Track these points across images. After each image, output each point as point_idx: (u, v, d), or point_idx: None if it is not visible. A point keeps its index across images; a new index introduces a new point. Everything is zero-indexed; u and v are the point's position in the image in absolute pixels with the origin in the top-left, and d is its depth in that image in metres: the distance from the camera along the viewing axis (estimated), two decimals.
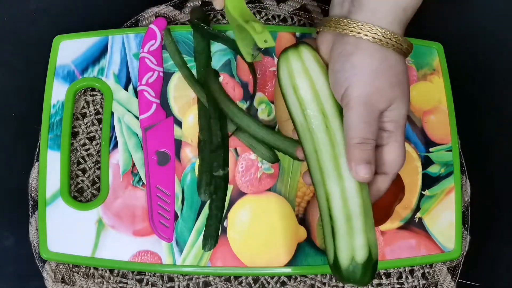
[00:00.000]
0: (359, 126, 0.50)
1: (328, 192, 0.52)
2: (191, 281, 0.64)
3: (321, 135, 0.52)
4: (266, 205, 0.64)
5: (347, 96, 0.51)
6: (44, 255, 0.61)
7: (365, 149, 0.51)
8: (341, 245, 0.51)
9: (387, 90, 0.51)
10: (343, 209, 0.51)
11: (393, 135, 0.52)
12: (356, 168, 0.51)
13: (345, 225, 0.51)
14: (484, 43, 0.76)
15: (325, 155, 0.52)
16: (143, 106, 0.65)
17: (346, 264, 0.51)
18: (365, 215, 0.51)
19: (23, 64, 0.71)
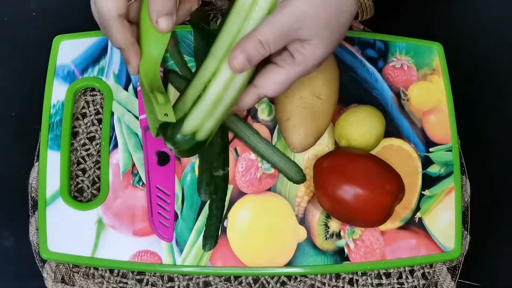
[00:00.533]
0: (274, 31, 0.50)
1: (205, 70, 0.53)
2: (191, 281, 0.64)
3: (235, 19, 0.53)
4: (266, 205, 0.64)
5: (287, 1, 0.50)
6: (44, 255, 0.61)
7: (258, 49, 0.50)
8: (196, 116, 0.53)
9: (321, 23, 0.50)
10: (203, 86, 0.53)
11: (293, 65, 0.52)
12: (237, 56, 0.51)
13: (212, 105, 0.53)
14: (484, 43, 0.76)
15: (226, 37, 0.53)
16: (143, 106, 0.65)
17: (186, 132, 0.53)
18: (218, 101, 0.53)
19: (23, 64, 0.71)
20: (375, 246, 0.64)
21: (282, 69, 0.53)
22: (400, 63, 0.69)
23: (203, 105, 0.53)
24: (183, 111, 0.53)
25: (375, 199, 0.59)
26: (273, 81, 0.53)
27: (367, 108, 0.65)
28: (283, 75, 0.53)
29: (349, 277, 0.64)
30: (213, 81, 0.53)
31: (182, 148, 0.54)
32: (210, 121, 0.54)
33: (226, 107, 0.54)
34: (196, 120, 0.53)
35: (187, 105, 0.53)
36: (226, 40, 0.53)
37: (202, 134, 0.54)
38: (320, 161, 0.63)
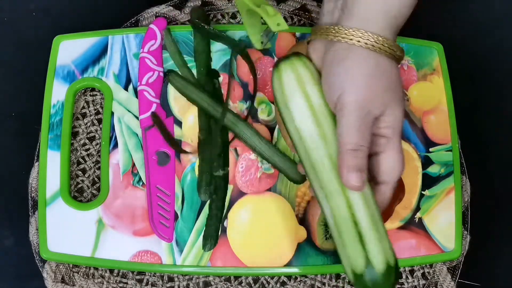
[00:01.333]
0: (353, 132, 0.50)
1: (333, 207, 0.51)
2: (191, 281, 0.64)
3: (317, 148, 0.52)
4: (266, 205, 0.64)
5: (341, 101, 0.50)
6: (44, 255, 0.61)
7: (357, 156, 0.50)
8: (355, 255, 0.50)
9: (381, 95, 0.50)
10: (351, 222, 0.50)
11: (390, 141, 0.52)
12: (348, 175, 0.49)
13: (356, 236, 0.50)
14: (484, 43, 0.76)
15: (322, 168, 0.51)
16: (143, 106, 0.66)
17: (382, 268, 0.50)
18: (375, 224, 0.51)
19: (23, 64, 0.72)
20: None
21: (386, 152, 0.52)
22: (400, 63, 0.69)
23: (368, 235, 0.51)
24: (349, 265, 0.51)
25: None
26: (390, 168, 0.52)
27: None
28: (392, 156, 0.52)
29: None
30: (355, 212, 0.51)
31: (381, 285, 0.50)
32: (383, 241, 0.51)
33: (380, 217, 0.52)
34: (377, 251, 0.50)
35: (345, 257, 0.51)
36: (327, 176, 0.51)
37: (378, 261, 0.50)
38: None
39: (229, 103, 0.66)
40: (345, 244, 0.51)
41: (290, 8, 0.72)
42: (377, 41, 0.50)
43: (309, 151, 0.52)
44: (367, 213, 0.50)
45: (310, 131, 0.52)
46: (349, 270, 0.51)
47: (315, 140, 0.52)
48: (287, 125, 0.54)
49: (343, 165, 0.50)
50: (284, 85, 0.53)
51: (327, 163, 0.51)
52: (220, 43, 0.68)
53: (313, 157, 0.52)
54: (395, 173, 0.52)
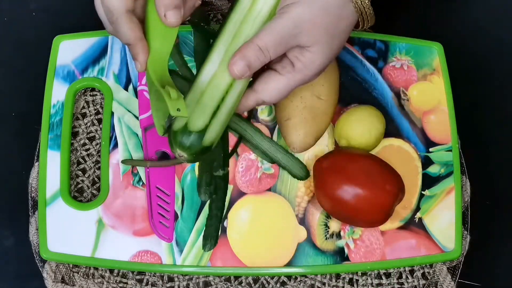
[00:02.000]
0: (273, 37, 0.50)
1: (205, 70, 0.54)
2: (191, 281, 0.64)
3: (238, 18, 0.53)
4: (266, 205, 0.64)
5: (287, 8, 0.50)
6: (44, 255, 0.61)
7: (258, 55, 0.50)
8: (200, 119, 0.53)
9: (320, 30, 0.50)
10: (206, 87, 0.53)
11: (292, 72, 0.52)
12: (237, 62, 0.51)
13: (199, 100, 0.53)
14: (484, 43, 0.76)
15: (225, 37, 0.53)
16: (143, 106, 0.65)
17: (193, 135, 0.53)
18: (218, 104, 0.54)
19: (23, 64, 0.71)
20: (375, 246, 0.64)
21: (281, 76, 0.53)
22: (400, 63, 0.69)
23: (205, 109, 0.53)
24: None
25: (375, 199, 0.59)
26: (272, 88, 0.53)
27: (367, 108, 0.65)
28: (282, 83, 0.53)
29: (349, 277, 0.64)
30: (213, 85, 0.53)
31: (191, 151, 0.54)
32: (215, 124, 0.54)
33: (229, 110, 0.54)
34: (202, 123, 0.53)
35: (189, 109, 0.54)
36: (225, 44, 0.54)
37: (208, 138, 0.54)
38: (320, 161, 0.63)
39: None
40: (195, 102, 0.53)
41: None
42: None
43: (227, 23, 0.54)
44: (222, 94, 0.53)
45: (241, 12, 0.53)
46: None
47: (239, 16, 0.53)
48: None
49: (241, 51, 0.51)
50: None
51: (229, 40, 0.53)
52: None
53: (225, 28, 0.54)
54: (271, 96, 0.53)
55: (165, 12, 0.50)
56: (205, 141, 0.54)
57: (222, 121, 0.55)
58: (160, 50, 0.53)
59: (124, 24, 0.51)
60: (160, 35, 0.53)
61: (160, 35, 0.53)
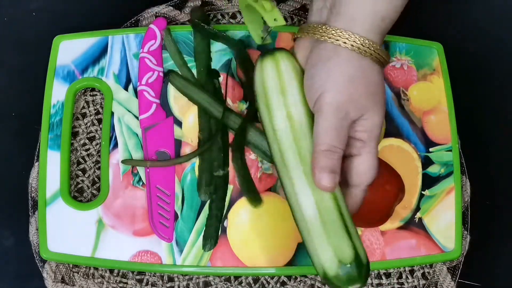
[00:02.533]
0: (328, 132, 0.50)
1: (300, 203, 0.51)
2: (191, 281, 0.64)
3: (287, 143, 0.52)
4: (266, 205, 0.64)
5: (319, 101, 0.50)
6: (44, 255, 0.61)
7: (331, 157, 0.50)
8: (324, 252, 0.50)
9: (360, 98, 0.50)
10: (319, 218, 0.50)
11: (365, 145, 0.52)
12: (320, 175, 0.49)
13: (324, 233, 0.50)
14: (484, 43, 0.76)
15: (292, 164, 0.52)
16: (143, 106, 0.65)
17: (334, 270, 0.49)
18: (344, 222, 0.50)
19: (23, 64, 0.71)
20: (375, 246, 0.64)
21: (361, 156, 0.52)
22: (400, 63, 0.69)
23: (319, 240, 0.51)
24: (318, 262, 0.51)
25: (375, 199, 0.59)
26: (363, 172, 0.52)
27: None
28: (367, 160, 0.52)
29: None
30: (323, 212, 0.51)
31: (350, 280, 0.50)
32: (354, 238, 0.51)
33: (351, 220, 0.52)
34: (328, 256, 0.50)
35: (314, 255, 0.51)
36: (296, 171, 0.52)
37: (347, 256, 0.50)
38: None
39: (228, 103, 0.66)
40: (314, 241, 0.51)
41: (290, 8, 0.72)
42: (363, 44, 0.50)
43: (282, 150, 0.52)
44: (335, 209, 0.50)
45: (284, 130, 0.52)
46: (319, 268, 0.50)
47: (289, 140, 0.52)
48: (263, 121, 0.54)
49: (316, 165, 0.50)
50: (265, 80, 0.53)
51: (298, 161, 0.51)
52: (220, 43, 0.68)
53: (285, 155, 0.52)
54: (367, 177, 0.52)
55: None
56: (361, 259, 0.50)
57: (354, 232, 0.51)
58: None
59: None
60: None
61: None
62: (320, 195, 0.51)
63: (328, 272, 0.50)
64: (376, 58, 0.51)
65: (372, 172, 0.52)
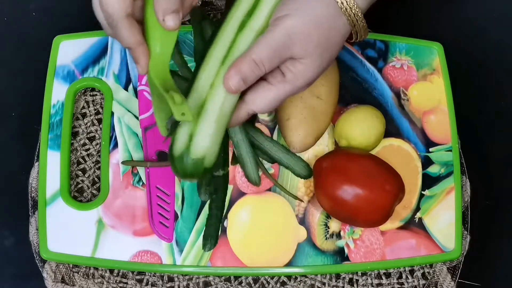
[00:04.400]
0: (267, 49, 0.50)
1: (198, 77, 0.53)
2: (191, 281, 0.64)
3: (231, 30, 0.53)
4: (266, 205, 0.64)
5: (279, 20, 0.50)
6: (44, 255, 0.61)
7: (253, 69, 0.50)
8: (182, 132, 0.52)
9: (313, 43, 0.50)
10: (202, 100, 0.52)
11: (282, 83, 0.52)
12: (232, 76, 0.50)
13: (196, 115, 0.52)
14: (483, 43, 0.76)
15: (219, 47, 0.53)
16: (143, 106, 0.66)
17: (178, 151, 0.52)
18: (219, 118, 0.52)
19: (23, 64, 0.71)
20: (375, 246, 0.64)
21: (272, 86, 0.52)
22: (400, 63, 0.69)
23: (206, 126, 0.52)
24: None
25: (375, 199, 0.59)
26: (262, 98, 0.53)
27: (367, 108, 0.65)
28: (272, 93, 0.52)
29: (349, 277, 0.64)
30: (211, 100, 0.52)
31: (194, 176, 0.53)
32: (214, 140, 0.53)
33: (224, 124, 0.53)
34: (204, 142, 0.52)
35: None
36: (219, 55, 0.53)
37: (209, 158, 0.53)
38: (320, 161, 0.63)
39: None
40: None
41: None
42: (348, 1, 0.50)
43: (221, 33, 0.54)
44: (221, 108, 0.52)
45: (235, 19, 0.53)
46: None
47: (232, 29, 0.53)
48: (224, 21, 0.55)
49: (236, 65, 0.51)
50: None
51: (225, 50, 0.53)
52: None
53: (221, 37, 0.53)
54: (260, 106, 0.53)
55: (164, 17, 0.50)
56: (206, 163, 0.53)
57: (219, 135, 0.53)
58: (161, 54, 0.53)
59: (124, 29, 0.51)
60: (160, 39, 0.53)
61: (160, 38, 0.53)
62: (219, 87, 0.52)
63: (173, 151, 0.52)
64: (352, 23, 0.51)
65: (266, 105, 0.53)
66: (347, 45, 0.69)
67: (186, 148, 0.52)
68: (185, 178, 0.53)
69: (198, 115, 0.52)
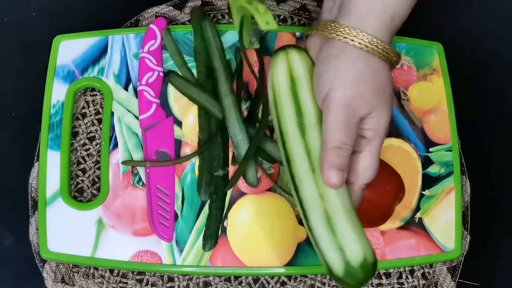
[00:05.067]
0: (338, 129, 0.50)
1: (302, 198, 0.51)
2: (191, 281, 0.64)
3: (296, 140, 0.52)
4: (266, 205, 0.64)
5: (328, 98, 0.50)
6: (44, 255, 0.61)
7: (340, 154, 0.50)
8: (329, 250, 0.50)
9: (369, 96, 0.50)
10: (323, 213, 0.50)
11: (369, 143, 0.52)
12: (329, 173, 0.50)
13: (328, 229, 0.50)
14: (484, 43, 0.76)
15: (299, 160, 0.52)
16: (143, 106, 0.65)
17: (341, 269, 0.50)
18: (348, 216, 0.51)
19: (23, 64, 0.72)
20: (375, 246, 0.64)
21: (363, 153, 0.52)
22: (400, 63, 0.69)
23: (346, 231, 0.50)
24: (323, 259, 0.51)
25: (375, 199, 0.59)
26: (364, 170, 0.52)
27: None
28: (369, 159, 0.52)
29: None
30: (331, 209, 0.51)
31: (358, 280, 0.50)
32: (359, 234, 0.51)
33: (355, 215, 0.52)
34: (334, 254, 0.50)
35: (319, 252, 0.52)
36: (305, 168, 0.52)
37: (369, 252, 0.51)
38: None
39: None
40: (320, 239, 0.51)
41: (290, 8, 0.72)
42: (371, 42, 0.50)
43: (289, 147, 0.53)
44: (342, 207, 0.51)
45: (292, 121, 0.53)
46: (324, 265, 0.51)
47: (296, 137, 0.52)
48: (271, 109, 0.54)
49: (325, 162, 0.50)
50: (276, 75, 0.54)
51: (303, 156, 0.52)
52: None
53: (292, 147, 0.53)
54: (367, 176, 0.52)
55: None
56: (369, 259, 0.50)
57: (361, 229, 0.51)
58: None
59: None
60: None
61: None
62: (327, 191, 0.51)
63: (336, 272, 0.50)
64: (385, 57, 0.51)
65: (371, 171, 0.52)
66: None
67: (346, 263, 0.50)
68: (364, 284, 0.51)
69: (332, 229, 0.50)
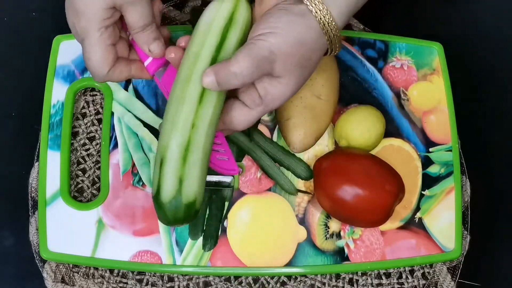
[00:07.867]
0: (247, 60, 0.49)
1: (175, 116, 0.50)
2: (191, 281, 0.64)
3: (203, 67, 0.51)
4: (266, 205, 0.64)
5: (262, 36, 0.50)
6: (44, 255, 0.61)
7: (231, 81, 0.49)
8: (170, 175, 0.50)
9: (293, 63, 0.50)
10: (186, 141, 0.50)
11: (260, 105, 0.51)
12: (210, 76, 0.50)
13: (181, 157, 0.50)
14: (484, 43, 0.76)
15: (195, 77, 0.51)
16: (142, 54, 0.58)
17: (169, 197, 0.50)
18: (204, 158, 0.51)
19: (23, 64, 0.71)
20: (375, 246, 0.64)
21: (250, 110, 0.52)
22: (400, 63, 0.69)
23: (194, 168, 0.50)
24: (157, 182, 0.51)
25: (375, 199, 0.59)
26: (241, 121, 0.52)
27: (367, 108, 0.65)
28: (251, 115, 0.52)
29: (349, 277, 0.64)
30: (194, 141, 0.51)
31: (183, 220, 0.51)
32: (202, 181, 0.51)
33: (207, 163, 0.52)
34: (194, 184, 0.51)
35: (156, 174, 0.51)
36: (194, 95, 0.51)
37: (199, 200, 0.51)
38: (320, 161, 0.63)
39: None
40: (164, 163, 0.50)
41: None
42: (329, 24, 0.51)
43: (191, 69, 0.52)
44: (204, 147, 0.51)
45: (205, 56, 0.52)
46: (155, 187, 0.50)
47: (205, 65, 0.51)
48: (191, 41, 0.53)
49: (215, 68, 0.49)
50: (219, 11, 0.53)
51: (199, 81, 0.51)
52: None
53: (193, 71, 0.51)
54: (239, 127, 0.53)
55: (149, 47, 0.53)
56: (197, 206, 0.51)
57: (205, 179, 0.52)
58: None
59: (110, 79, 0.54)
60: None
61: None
62: (201, 125, 0.51)
63: (162, 197, 0.50)
64: (331, 42, 0.52)
65: (246, 125, 0.53)
66: (347, 45, 0.69)
67: (177, 193, 0.50)
68: (175, 224, 0.51)
69: (184, 158, 0.50)
